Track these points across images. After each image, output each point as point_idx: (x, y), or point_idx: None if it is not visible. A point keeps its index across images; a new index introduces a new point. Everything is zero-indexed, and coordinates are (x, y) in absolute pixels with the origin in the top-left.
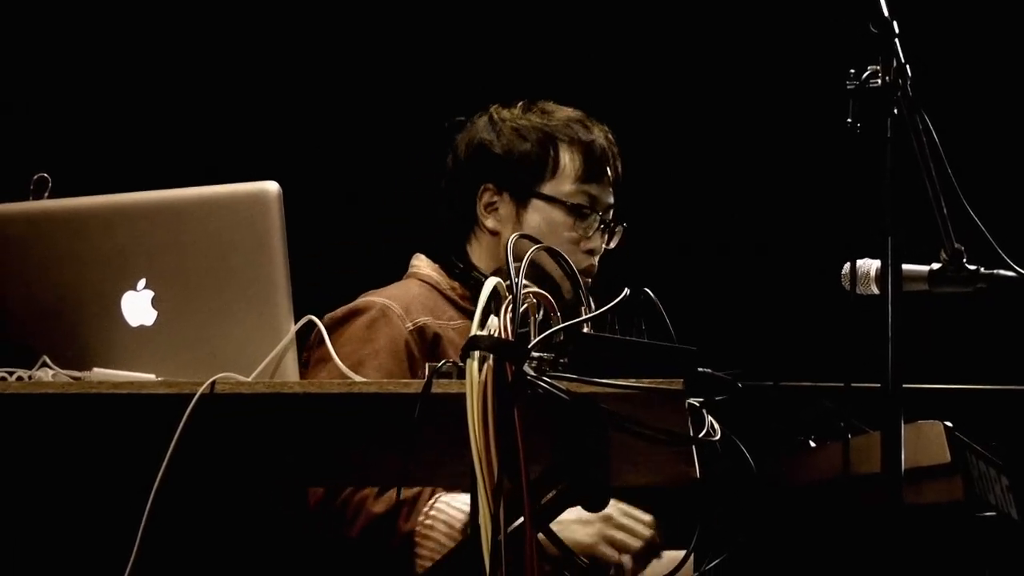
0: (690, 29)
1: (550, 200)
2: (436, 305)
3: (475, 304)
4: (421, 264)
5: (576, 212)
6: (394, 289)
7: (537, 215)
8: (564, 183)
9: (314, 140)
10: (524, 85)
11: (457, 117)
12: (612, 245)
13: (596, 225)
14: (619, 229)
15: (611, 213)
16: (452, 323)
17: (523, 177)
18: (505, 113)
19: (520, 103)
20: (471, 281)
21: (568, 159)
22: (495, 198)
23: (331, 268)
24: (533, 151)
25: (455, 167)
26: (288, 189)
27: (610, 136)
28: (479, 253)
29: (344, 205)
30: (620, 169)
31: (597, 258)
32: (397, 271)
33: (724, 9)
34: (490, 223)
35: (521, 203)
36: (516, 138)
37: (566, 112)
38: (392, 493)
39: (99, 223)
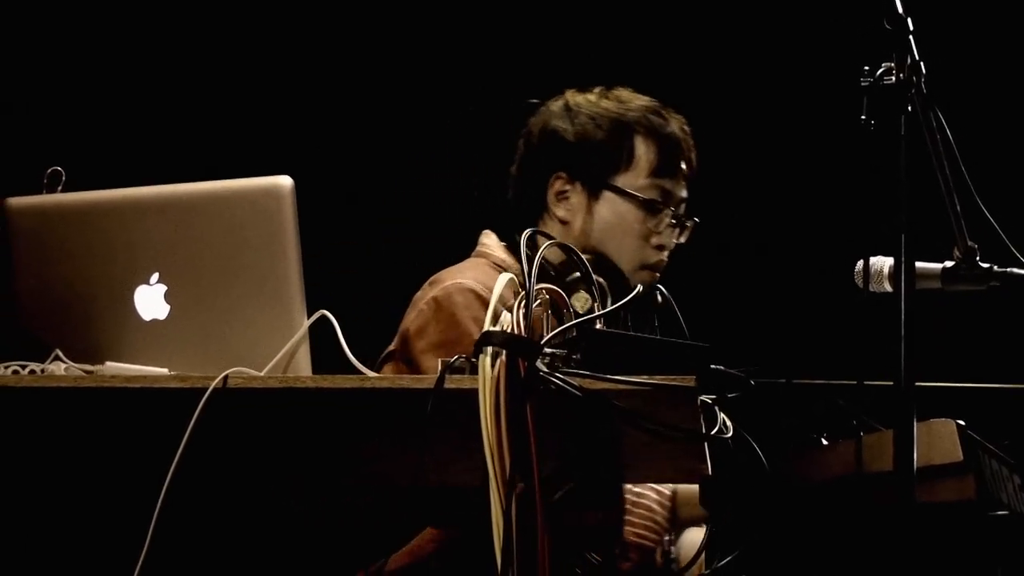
0: (704, 26)
1: (623, 193)
2: (510, 292)
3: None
4: (491, 244)
5: (648, 207)
6: (472, 271)
7: (608, 207)
8: (638, 176)
9: (328, 135)
10: (531, 80)
11: (531, 100)
12: (683, 240)
13: (667, 220)
14: (690, 224)
15: (683, 207)
16: None
17: (596, 168)
18: (580, 99)
19: (597, 89)
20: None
21: (643, 151)
22: (567, 187)
23: (344, 263)
24: (607, 141)
25: (527, 152)
26: (301, 184)
27: (686, 127)
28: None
29: (357, 200)
30: (695, 162)
31: (666, 253)
32: (411, 266)
33: (738, 6)
34: (560, 212)
35: (593, 194)
36: (591, 126)
37: (642, 101)
38: None
39: (112, 217)
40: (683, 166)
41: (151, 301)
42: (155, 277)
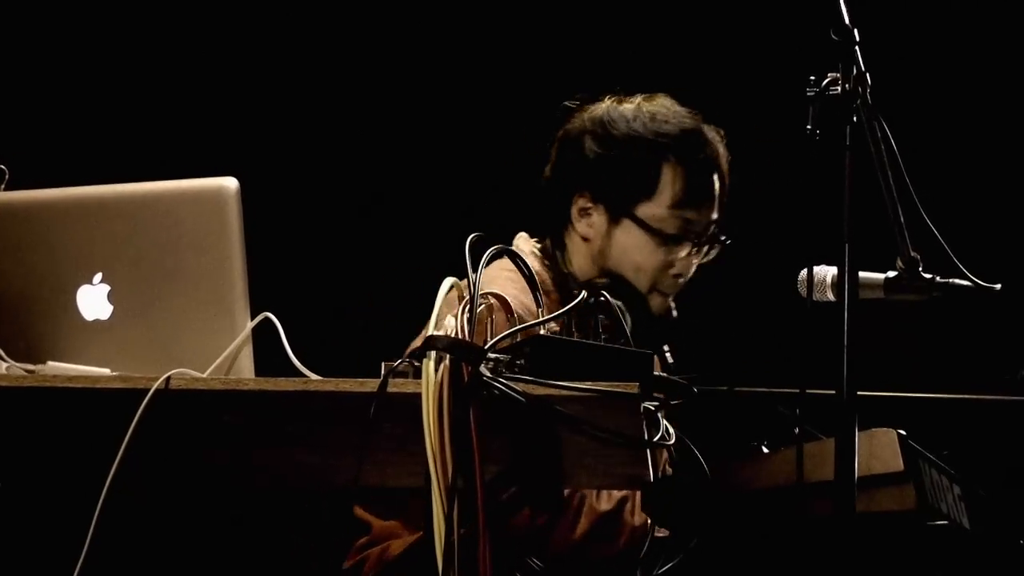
0: (651, 35)
1: (642, 224)
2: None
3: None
4: (524, 251)
5: (667, 240)
6: (505, 285)
7: (626, 234)
8: (660, 206)
9: (275, 137)
10: (494, 81)
11: (573, 101)
12: (707, 259)
13: (688, 250)
14: (716, 244)
15: (711, 228)
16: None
17: (618, 194)
18: (616, 113)
19: (638, 97)
20: (560, 279)
21: (668, 180)
22: (589, 205)
23: (289, 266)
24: (633, 167)
25: (557, 160)
26: (247, 186)
27: (720, 144)
28: (573, 251)
29: (303, 203)
30: (727, 179)
31: (684, 280)
32: (357, 269)
33: (685, 16)
34: (581, 228)
35: (613, 219)
36: (618, 150)
37: (681, 119)
38: (614, 491)
39: (56, 216)
40: (713, 190)
41: (94, 301)
42: (98, 277)
